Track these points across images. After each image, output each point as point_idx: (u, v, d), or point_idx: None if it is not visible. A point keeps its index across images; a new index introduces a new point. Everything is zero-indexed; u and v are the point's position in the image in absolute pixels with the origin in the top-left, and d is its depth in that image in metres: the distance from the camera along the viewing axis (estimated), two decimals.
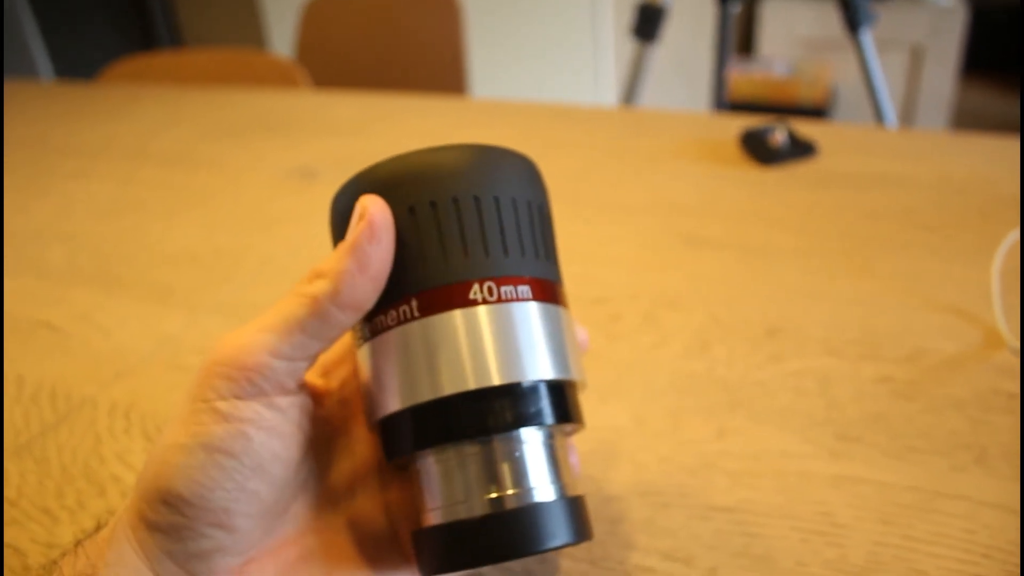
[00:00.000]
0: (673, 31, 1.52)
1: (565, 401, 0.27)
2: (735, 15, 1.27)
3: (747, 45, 2.51)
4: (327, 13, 1.51)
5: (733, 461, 0.39)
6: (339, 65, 1.50)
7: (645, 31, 1.27)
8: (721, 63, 1.30)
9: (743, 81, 2.35)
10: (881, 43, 1.61)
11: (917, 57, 2.22)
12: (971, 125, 2.41)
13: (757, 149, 0.73)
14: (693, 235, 0.60)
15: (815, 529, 0.35)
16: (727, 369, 0.45)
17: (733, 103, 2.21)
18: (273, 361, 0.25)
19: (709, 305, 0.51)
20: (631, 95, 1.32)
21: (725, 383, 0.44)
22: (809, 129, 0.77)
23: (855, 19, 1.19)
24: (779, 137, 0.72)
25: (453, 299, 0.25)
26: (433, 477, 0.26)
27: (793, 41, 2.36)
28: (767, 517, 0.35)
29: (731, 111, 1.25)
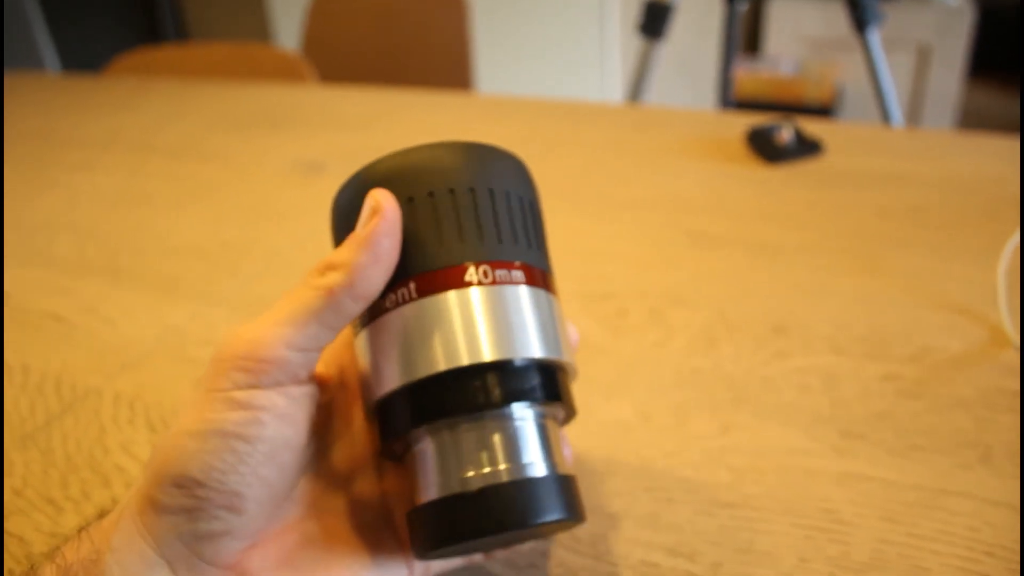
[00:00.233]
0: (679, 29, 1.52)
1: (555, 382, 0.28)
2: (742, 14, 1.27)
3: (753, 44, 2.50)
4: (334, 8, 1.51)
5: (738, 457, 0.39)
6: (345, 60, 1.50)
7: (652, 28, 1.27)
8: (727, 62, 1.30)
9: (749, 80, 2.35)
10: (888, 43, 1.61)
11: (924, 57, 2.22)
12: (977, 125, 2.41)
13: (763, 147, 0.73)
14: (699, 232, 0.60)
15: (819, 526, 0.34)
16: (733, 366, 0.45)
17: (739, 102, 2.21)
18: (289, 353, 0.25)
19: (715, 302, 0.51)
20: (637, 93, 1.32)
21: (730, 380, 0.44)
22: (815, 128, 0.77)
23: (863, 18, 1.19)
24: (785, 135, 0.72)
25: (450, 280, 0.26)
26: (426, 457, 0.27)
27: (799, 40, 2.35)
28: (771, 513, 0.35)
29: (737, 110, 1.25)
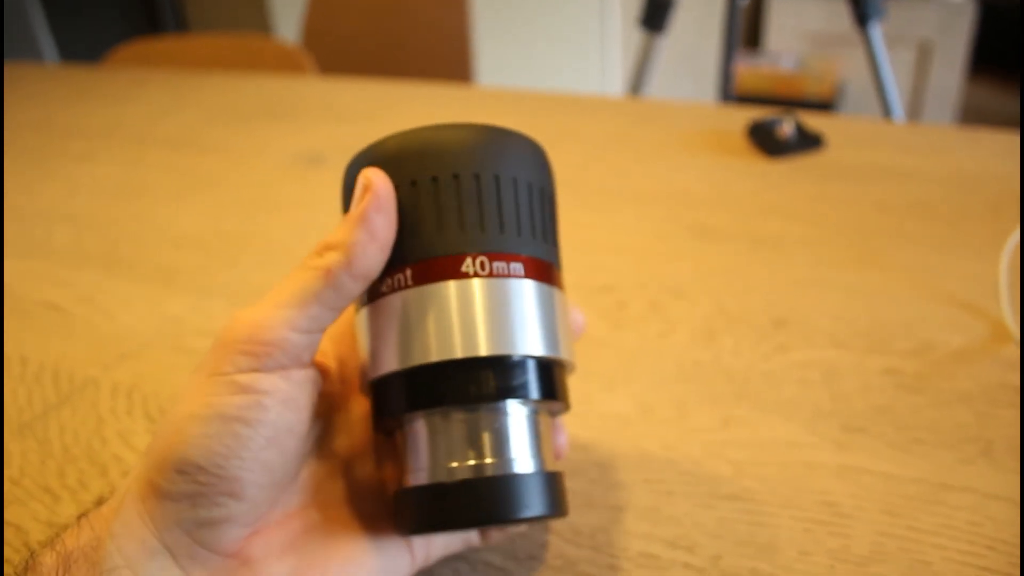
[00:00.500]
0: (680, 24, 1.51)
1: (551, 378, 0.28)
2: (743, 8, 1.27)
3: (754, 39, 2.50)
4: (334, 0, 1.51)
5: (738, 450, 0.38)
6: (345, 52, 1.50)
7: (653, 22, 1.26)
8: (728, 56, 1.30)
9: (750, 75, 2.34)
10: (889, 39, 1.60)
11: (925, 53, 2.21)
12: (978, 122, 2.40)
13: (764, 141, 0.72)
14: (700, 225, 0.60)
15: (819, 519, 0.34)
16: (733, 359, 0.45)
17: (740, 97, 2.21)
18: (292, 335, 0.25)
19: (716, 295, 0.51)
20: (638, 86, 1.32)
21: (731, 373, 0.44)
22: (817, 122, 0.77)
23: (865, 13, 1.18)
24: (787, 129, 0.72)
25: (446, 270, 0.26)
26: (417, 440, 0.27)
27: (800, 35, 2.35)
28: (771, 506, 0.35)
29: (738, 104, 1.24)
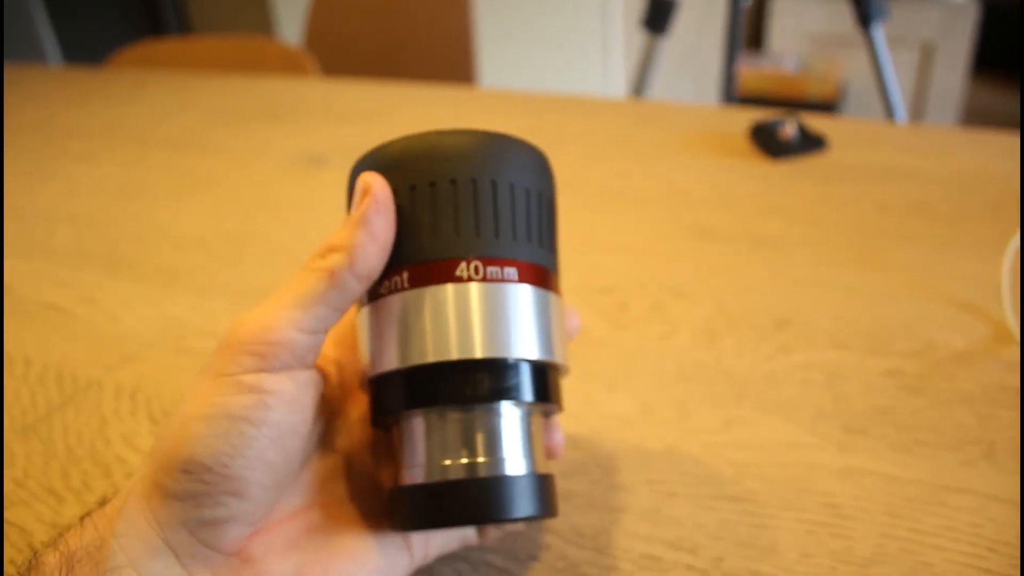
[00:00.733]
0: (682, 25, 1.51)
1: (545, 381, 0.28)
2: (745, 9, 1.27)
3: (757, 40, 2.50)
4: (336, 1, 1.51)
5: (740, 451, 0.38)
6: (348, 54, 1.50)
7: (656, 23, 1.26)
8: (730, 57, 1.30)
9: (752, 76, 2.34)
10: (892, 40, 1.60)
11: (927, 55, 2.21)
12: (980, 123, 2.39)
13: (767, 142, 0.72)
14: (702, 226, 0.60)
15: (821, 521, 0.34)
16: (735, 360, 0.45)
17: (742, 98, 2.21)
18: (298, 336, 0.26)
19: (717, 296, 0.51)
20: (640, 88, 1.32)
21: (732, 374, 0.44)
22: (819, 123, 0.77)
23: (867, 14, 1.18)
24: (789, 130, 0.72)
25: (441, 274, 0.27)
26: (413, 437, 0.28)
27: (803, 37, 2.35)
28: (773, 508, 0.35)
29: (740, 106, 1.24)
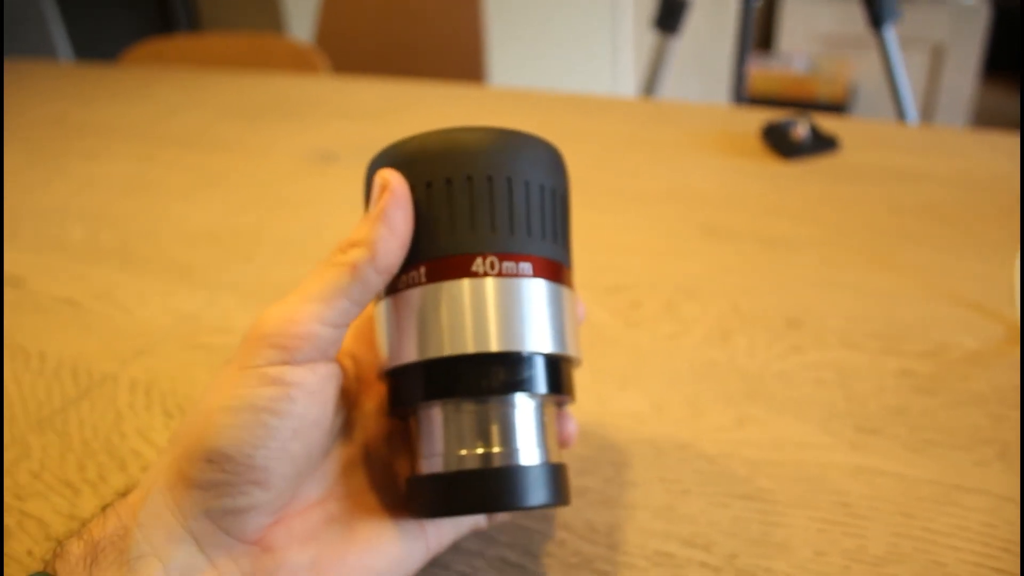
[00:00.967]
0: (693, 25, 1.51)
1: (558, 373, 0.29)
2: (756, 10, 1.27)
3: (767, 41, 2.50)
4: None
5: (752, 450, 0.39)
6: (358, 52, 1.50)
7: (667, 23, 1.26)
8: (741, 58, 1.29)
9: (762, 77, 2.34)
10: (902, 42, 1.59)
11: (938, 56, 2.21)
12: (991, 125, 2.39)
13: (779, 142, 0.72)
14: (714, 226, 0.60)
15: (834, 519, 0.34)
16: (747, 359, 0.45)
17: (752, 99, 2.20)
18: (321, 329, 0.27)
19: (729, 295, 0.51)
20: (651, 88, 1.32)
21: (745, 373, 0.44)
22: (831, 124, 0.77)
23: (880, 15, 1.18)
24: (801, 131, 0.72)
25: (457, 269, 0.28)
26: (430, 428, 0.28)
27: (813, 38, 2.34)
28: (786, 506, 0.35)
29: (750, 106, 1.24)
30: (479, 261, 0.27)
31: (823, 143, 0.72)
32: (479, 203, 0.28)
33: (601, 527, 0.35)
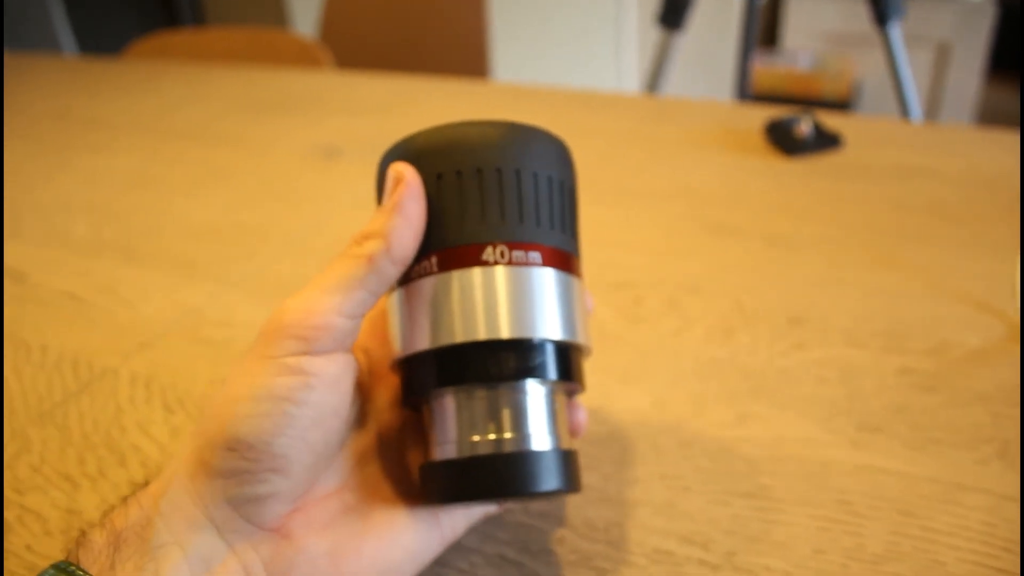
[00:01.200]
0: (697, 22, 1.51)
1: (568, 361, 0.29)
2: (760, 7, 1.26)
3: (772, 38, 2.49)
4: None
5: (753, 447, 0.38)
6: (362, 47, 1.50)
7: (671, 19, 1.26)
8: (745, 55, 1.29)
9: (766, 74, 2.33)
10: (907, 40, 1.59)
11: (943, 54, 2.20)
12: (995, 123, 2.38)
13: (782, 140, 0.72)
14: (717, 223, 0.60)
15: (834, 517, 0.34)
16: (750, 356, 0.45)
17: (756, 96, 2.20)
18: (339, 320, 0.27)
19: (732, 292, 0.51)
20: (655, 84, 1.31)
21: (747, 370, 0.44)
22: (835, 121, 0.77)
23: (884, 12, 1.18)
24: (805, 128, 0.72)
25: (468, 258, 0.28)
26: (443, 414, 0.29)
27: (817, 35, 2.34)
28: (786, 504, 0.35)
29: (754, 103, 1.24)
30: (489, 250, 0.28)
31: (826, 140, 0.72)
32: (488, 194, 0.28)
33: (600, 524, 0.35)
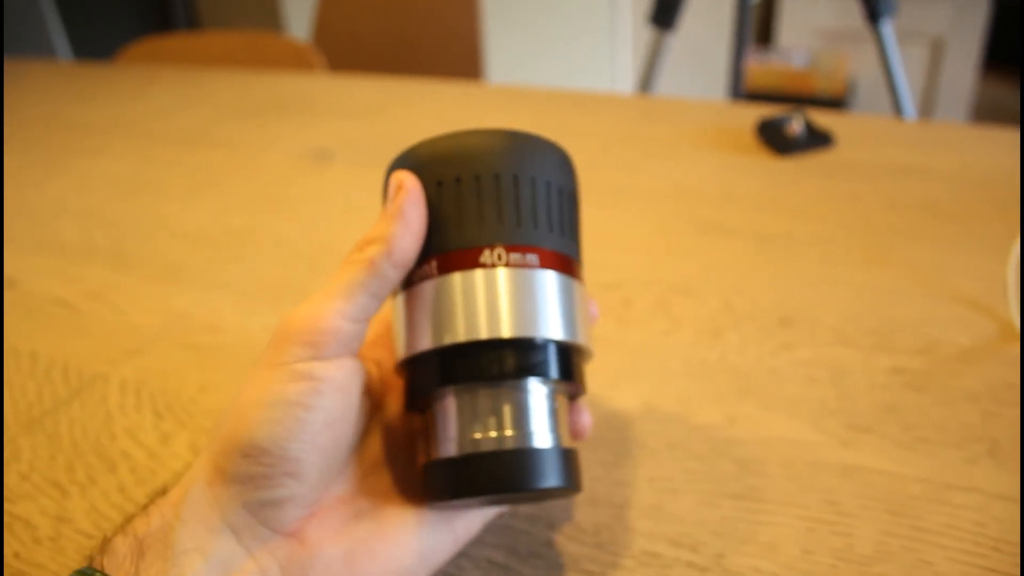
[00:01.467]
0: (690, 20, 1.51)
1: (568, 361, 0.30)
2: (754, 5, 1.26)
3: (766, 35, 2.49)
4: None
5: (742, 448, 0.38)
6: (355, 50, 1.50)
7: (663, 19, 1.26)
8: (739, 53, 1.29)
9: (760, 72, 2.33)
10: (901, 35, 1.59)
11: (937, 50, 2.20)
12: (991, 119, 2.38)
13: (774, 138, 0.72)
14: (708, 222, 0.60)
15: (823, 518, 0.34)
16: (739, 356, 0.45)
17: (750, 94, 2.20)
18: (344, 324, 0.28)
19: (722, 292, 0.51)
20: (647, 84, 1.31)
21: (736, 370, 0.44)
22: (826, 120, 0.77)
23: (876, 9, 1.18)
24: (796, 127, 0.72)
25: (466, 261, 0.29)
26: (445, 414, 0.29)
27: (811, 32, 2.34)
28: (775, 505, 0.35)
29: (748, 101, 1.24)
30: (487, 252, 0.29)
31: (818, 139, 0.72)
32: (486, 198, 0.29)
33: (588, 527, 0.35)
